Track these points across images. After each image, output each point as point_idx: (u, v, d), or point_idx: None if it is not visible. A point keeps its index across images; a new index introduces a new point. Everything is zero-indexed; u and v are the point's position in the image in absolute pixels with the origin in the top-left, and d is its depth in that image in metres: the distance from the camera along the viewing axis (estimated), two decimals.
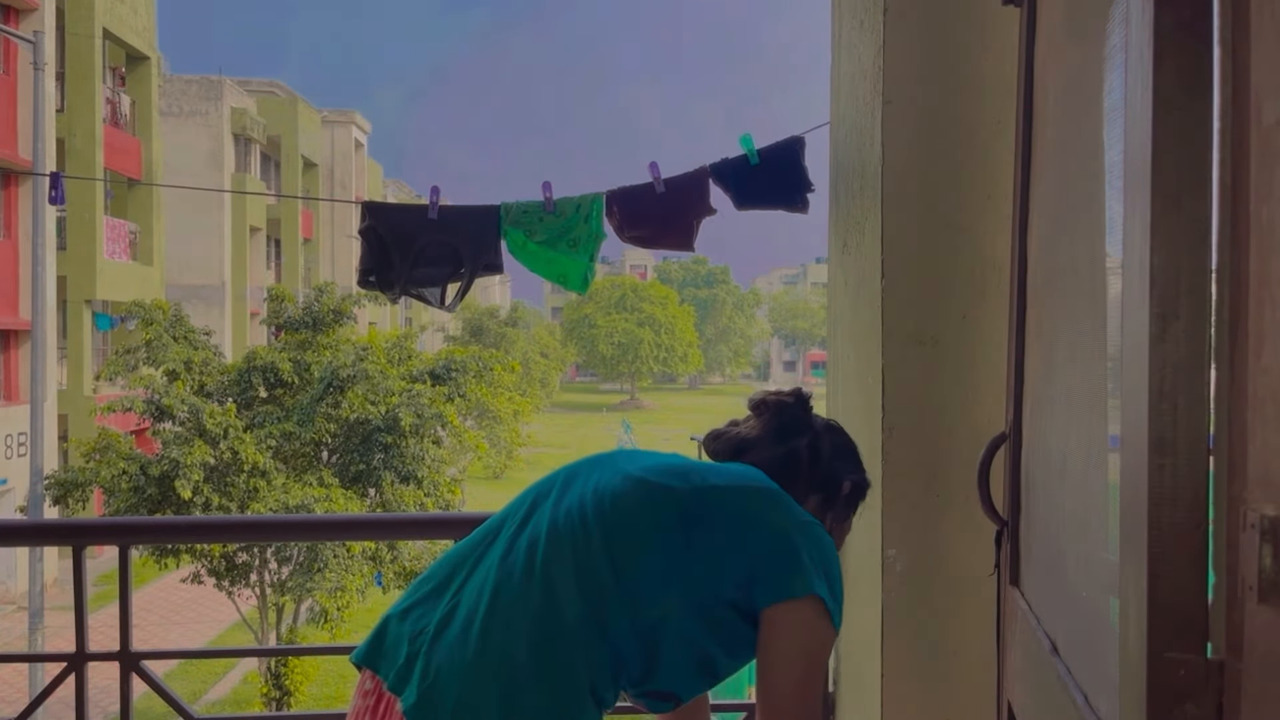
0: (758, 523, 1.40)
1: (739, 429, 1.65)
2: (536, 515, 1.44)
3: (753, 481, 1.47)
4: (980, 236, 1.79)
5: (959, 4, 1.78)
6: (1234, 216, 0.76)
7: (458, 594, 1.38)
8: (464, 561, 1.43)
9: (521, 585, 1.35)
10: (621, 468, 1.47)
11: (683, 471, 1.46)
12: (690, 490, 1.42)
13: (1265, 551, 0.69)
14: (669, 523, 1.39)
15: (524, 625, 1.33)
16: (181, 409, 12.07)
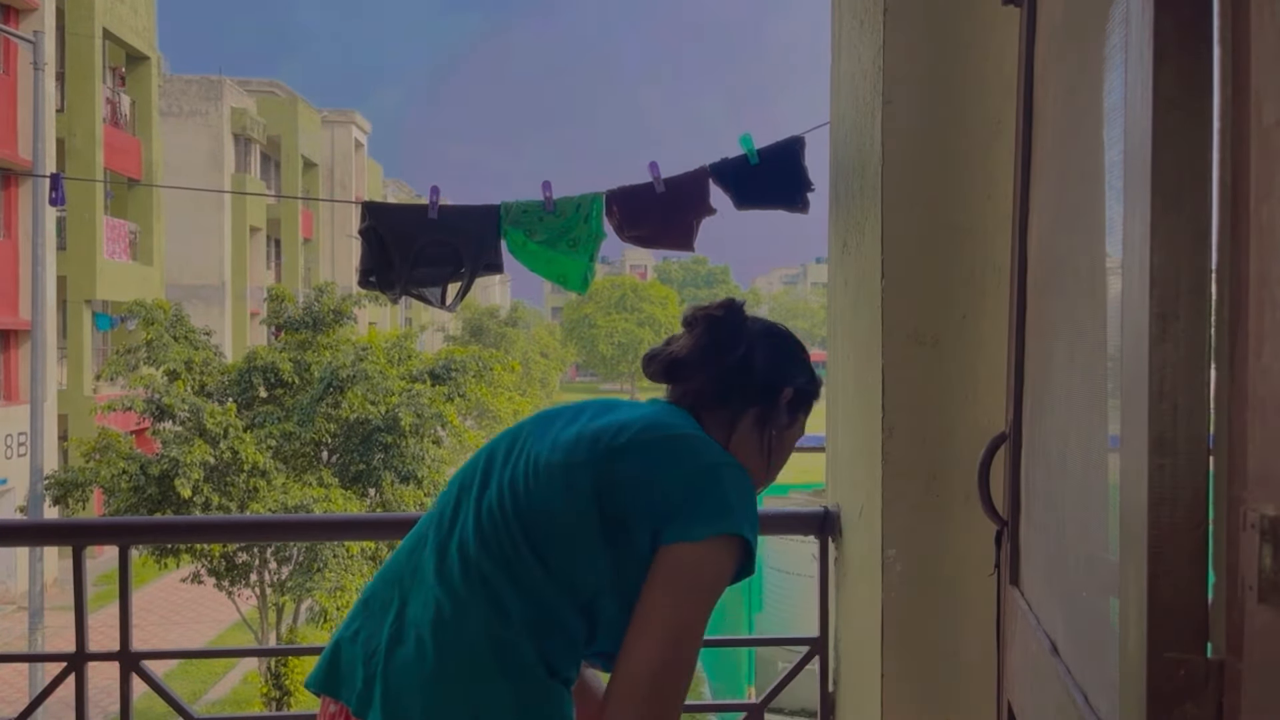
0: (662, 477, 1.37)
1: (672, 348, 1.60)
2: (462, 514, 1.43)
3: (659, 432, 1.43)
4: (980, 236, 1.79)
5: (959, 4, 1.78)
6: (1234, 216, 0.76)
7: (402, 611, 1.38)
8: (402, 576, 1.42)
9: (464, 594, 1.34)
10: (533, 450, 1.44)
11: (594, 437, 1.42)
12: (599, 459, 1.39)
13: (1265, 551, 0.69)
14: (583, 505, 1.37)
15: (474, 631, 1.33)
16: (182, 408, 12.07)
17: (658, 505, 1.35)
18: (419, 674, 1.31)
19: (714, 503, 1.35)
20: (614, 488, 1.37)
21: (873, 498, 1.85)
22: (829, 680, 2.12)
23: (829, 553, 2.13)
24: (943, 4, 1.79)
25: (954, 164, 1.80)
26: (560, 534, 1.37)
